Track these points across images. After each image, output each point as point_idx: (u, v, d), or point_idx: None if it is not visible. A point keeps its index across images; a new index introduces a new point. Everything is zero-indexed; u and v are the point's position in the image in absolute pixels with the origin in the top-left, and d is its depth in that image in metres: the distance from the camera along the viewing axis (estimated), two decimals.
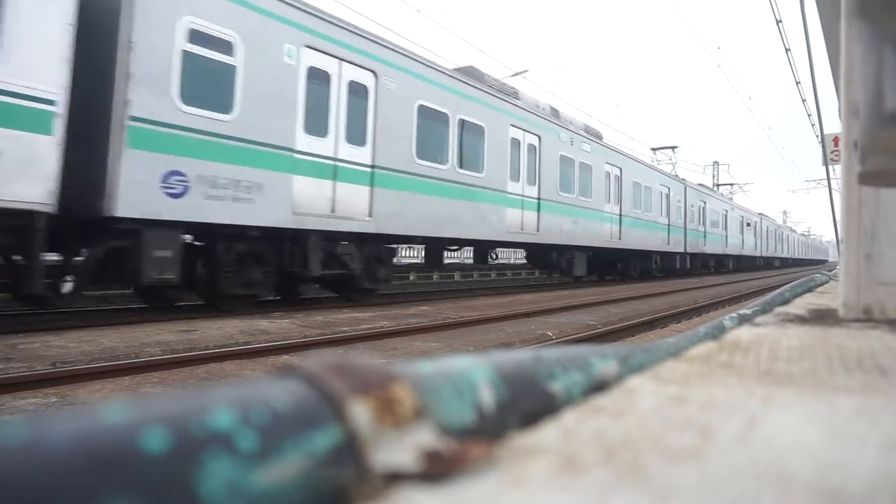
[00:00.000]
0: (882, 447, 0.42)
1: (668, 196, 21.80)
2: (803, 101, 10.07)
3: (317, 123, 8.39)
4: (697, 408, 0.51)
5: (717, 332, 1.04)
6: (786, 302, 1.77)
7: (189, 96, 6.88)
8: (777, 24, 8.98)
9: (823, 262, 76.48)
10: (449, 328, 7.51)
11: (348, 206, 8.81)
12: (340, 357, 0.39)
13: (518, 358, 0.53)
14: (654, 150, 33.53)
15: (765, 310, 1.50)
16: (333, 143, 8.63)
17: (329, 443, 0.33)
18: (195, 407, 0.31)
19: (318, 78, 8.44)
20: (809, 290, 2.29)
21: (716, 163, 46.35)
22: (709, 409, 0.51)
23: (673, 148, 34.32)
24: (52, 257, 6.33)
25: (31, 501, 0.24)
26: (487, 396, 0.44)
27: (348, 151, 8.82)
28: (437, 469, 0.35)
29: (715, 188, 40.04)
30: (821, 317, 1.31)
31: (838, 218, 2.55)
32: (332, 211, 8.59)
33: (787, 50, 9.30)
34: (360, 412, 0.35)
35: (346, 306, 9.47)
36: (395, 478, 0.34)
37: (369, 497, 0.33)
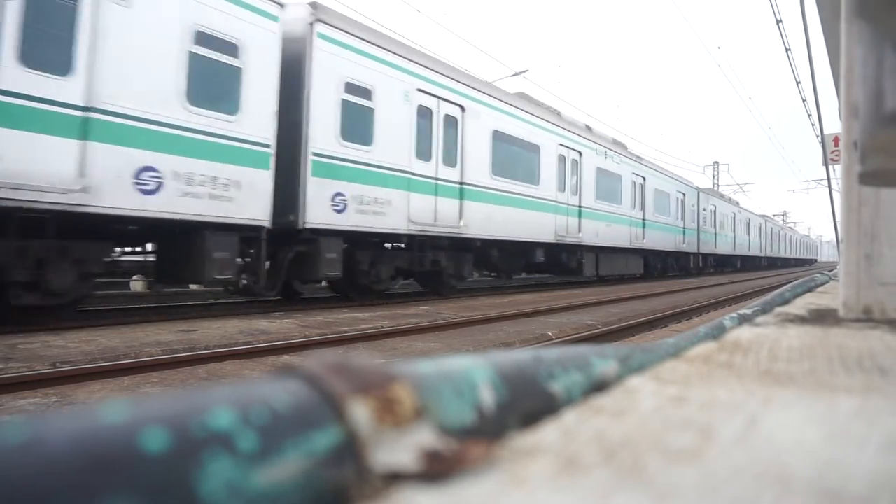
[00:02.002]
0: (882, 447, 0.42)
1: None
2: (803, 101, 10.08)
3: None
4: (697, 408, 0.51)
5: (718, 333, 1.04)
6: (786, 302, 1.77)
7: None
8: (777, 24, 8.98)
9: (812, 261, 72.55)
10: (449, 328, 7.51)
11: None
12: (340, 357, 0.39)
13: (518, 358, 0.53)
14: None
15: (765, 310, 1.50)
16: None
17: (329, 443, 0.33)
18: (195, 407, 0.31)
19: (424, 114, 10.57)
20: (809, 290, 2.29)
21: (716, 163, 46.27)
22: (709, 409, 0.51)
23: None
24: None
25: (31, 501, 0.24)
26: (487, 396, 0.44)
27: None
28: (437, 469, 0.35)
29: (715, 188, 40.29)
30: (821, 317, 1.31)
31: (838, 218, 2.55)
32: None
33: (787, 50, 9.30)
34: (360, 412, 0.35)
35: (346, 306, 9.48)
36: (395, 478, 0.34)
37: (369, 497, 0.33)
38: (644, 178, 20.03)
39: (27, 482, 0.24)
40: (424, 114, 10.52)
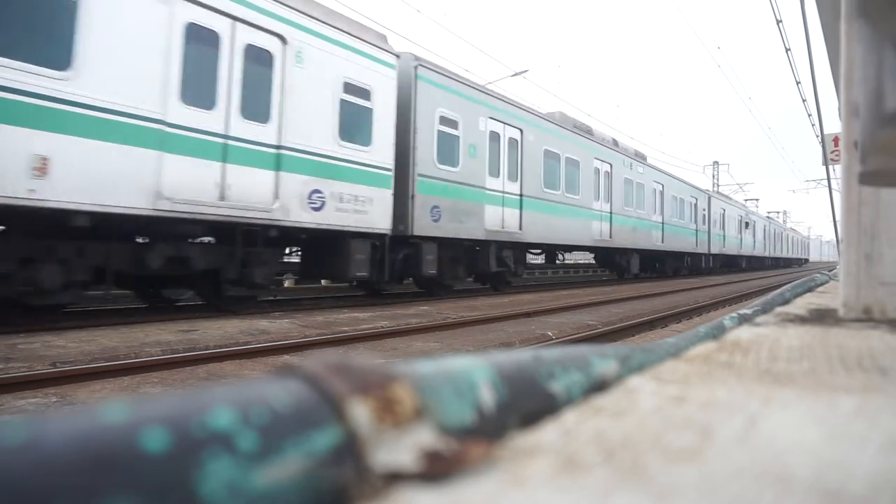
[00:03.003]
0: (882, 447, 0.42)
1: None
2: (803, 100, 10.07)
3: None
4: (697, 408, 0.51)
5: (718, 332, 1.04)
6: (786, 302, 1.77)
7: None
8: (777, 23, 8.98)
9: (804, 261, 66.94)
10: (449, 328, 7.51)
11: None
12: (340, 357, 0.39)
13: (518, 358, 0.53)
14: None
15: (765, 310, 1.50)
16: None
17: (329, 443, 0.33)
18: (195, 407, 0.31)
19: (493, 138, 12.47)
20: (809, 290, 2.29)
21: (716, 163, 46.22)
22: (709, 409, 0.51)
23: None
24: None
25: (31, 501, 0.24)
26: (487, 396, 0.44)
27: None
28: (437, 469, 0.35)
29: (715, 188, 40.38)
30: (821, 317, 1.31)
31: (838, 218, 2.55)
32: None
33: (787, 50, 9.30)
34: (360, 412, 0.35)
35: (346, 306, 9.48)
36: (395, 478, 0.34)
37: (369, 497, 0.33)
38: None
39: (27, 482, 0.24)
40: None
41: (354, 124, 9.13)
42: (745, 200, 45.47)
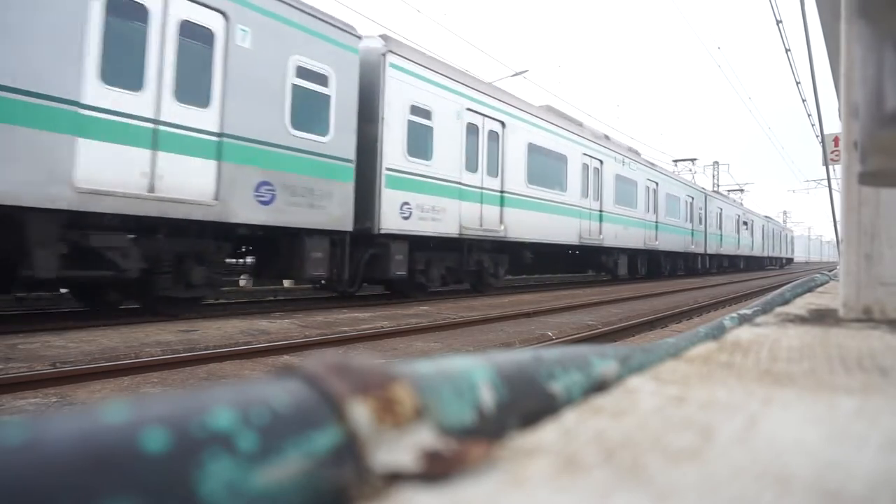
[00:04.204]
0: (882, 447, 0.42)
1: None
2: (803, 101, 10.07)
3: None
4: (697, 408, 0.51)
5: (718, 333, 1.04)
6: (786, 302, 1.77)
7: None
8: (777, 24, 8.98)
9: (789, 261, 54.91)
10: (449, 328, 7.51)
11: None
12: (340, 357, 0.39)
13: (518, 358, 0.53)
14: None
15: (765, 310, 1.50)
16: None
17: (329, 443, 0.33)
18: (195, 407, 0.31)
19: (471, 130, 11.78)
20: (809, 290, 2.29)
21: (716, 163, 46.15)
22: (709, 409, 0.51)
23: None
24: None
25: (31, 501, 0.24)
26: (487, 397, 0.44)
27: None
28: (437, 469, 0.35)
29: (715, 188, 40.17)
30: (821, 317, 1.31)
31: (838, 218, 2.55)
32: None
33: (787, 50, 9.30)
34: (360, 412, 0.35)
35: (346, 306, 9.48)
36: (395, 478, 0.34)
37: (369, 497, 0.33)
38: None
39: (27, 482, 0.24)
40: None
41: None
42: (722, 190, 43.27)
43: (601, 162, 17.15)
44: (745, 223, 34.45)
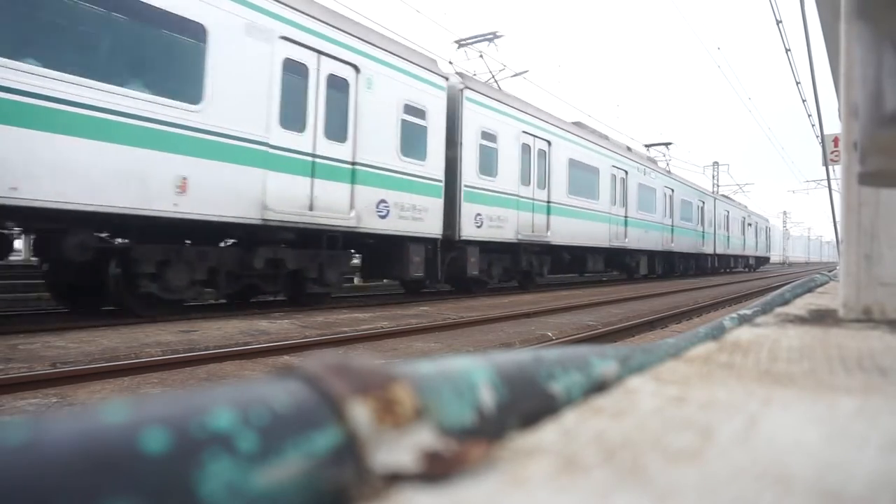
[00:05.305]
0: (882, 447, 0.42)
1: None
2: (803, 101, 10.08)
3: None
4: (697, 408, 0.51)
5: (718, 333, 1.04)
6: (786, 302, 1.77)
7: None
8: (777, 24, 8.98)
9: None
10: (449, 328, 7.51)
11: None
12: (340, 357, 0.39)
13: (518, 358, 0.53)
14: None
15: (765, 310, 1.50)
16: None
17: (329, 443, 0.33)
18: (195, 407, 0.31)
19: (525, 150, 13.59)
20: (809, 290, 2.29)
21: (716, 163, 46.13)
22: (709, 409, 0.51)
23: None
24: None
25: (32, 501, 0.24)
26: (487, 397, 0.44)
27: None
28: (437, 469, 0.35)
29: (715, 189, 40.08)
30: (821, 317, 1.31)
31: (838, 218, 2.55)
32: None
33: (787, 50, 9.30)
34: (360, 413, 0.35)
35: (346, 307, 9.48)
36: (395, 478, 0.34)
37: (369, 497, 0.33)
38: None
39: (27, 483, 0.24)
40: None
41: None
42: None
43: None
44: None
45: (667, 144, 31.36)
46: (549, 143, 14.49)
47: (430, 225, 10.72)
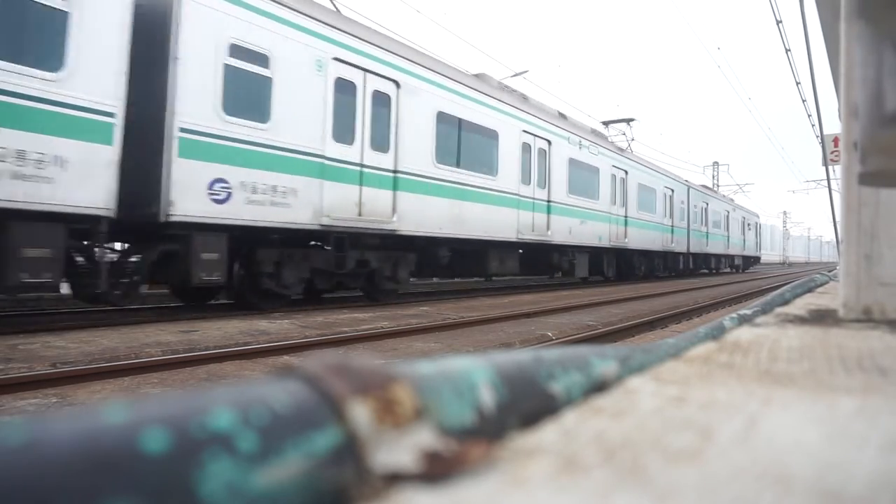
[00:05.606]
0: (882, 447, 0.42)
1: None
2: (803, 101, 10.08)
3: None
4: (697, 408, 0.51)
5: (718, 333, 1.04)
6: (786, 302, 1.77)
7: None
8: (777, 24, 8.98)
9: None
10: (449, 329, 7.51)
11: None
12: (340, 357, 0.39)
13: (518, 358, 0.53)
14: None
15: (765, 310, 1.50)
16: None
17: (329, 443, 0.33)
18: (195, 407, 0.31)
19: (343, 89, 11.27)
20: (809, 290, 2.29)
21: (716, 163, 46.15)
22: (709, 409, 0.51)
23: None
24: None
25: (32, 501, 0.24)
26: (487, 397, 0.44)
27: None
28: (437, 470, 0.35)
29: (715, 188, 40.04)
30: (821, 317, 1.31)
31: (838, 218, 2.55)
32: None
33: (787, 50, 9.30)
34: (360, 413, 0.35)
35: (346, 307, 9.48)
36: (395, 478, 0.34)
37: (369, 497, 0.33)
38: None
39: (27, 483, 0.24)
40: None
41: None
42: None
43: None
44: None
45: (628, 121, 24.79)
46: (395, 83, 10.00)
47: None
